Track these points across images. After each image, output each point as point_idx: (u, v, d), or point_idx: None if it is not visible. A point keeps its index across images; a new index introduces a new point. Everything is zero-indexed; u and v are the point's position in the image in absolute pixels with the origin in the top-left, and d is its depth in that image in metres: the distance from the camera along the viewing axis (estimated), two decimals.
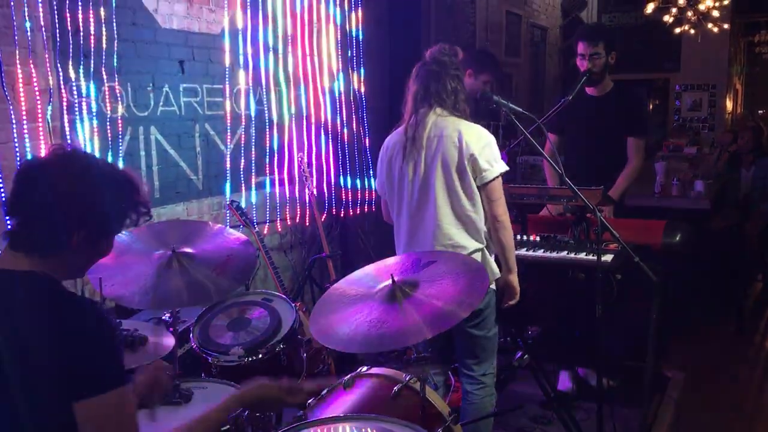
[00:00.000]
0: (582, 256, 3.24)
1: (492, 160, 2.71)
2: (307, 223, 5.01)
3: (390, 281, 2.18)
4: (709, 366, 4.62)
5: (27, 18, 3.17)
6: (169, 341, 2.45)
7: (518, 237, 3.47)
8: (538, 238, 3.43)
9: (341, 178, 5.34)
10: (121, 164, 3.70)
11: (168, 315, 2.58)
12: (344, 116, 5.35)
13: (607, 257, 3.12)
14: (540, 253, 3.34)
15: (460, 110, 2.78)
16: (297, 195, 4.94)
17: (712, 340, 5.13)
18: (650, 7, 7.69)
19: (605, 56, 3.91)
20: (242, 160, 4.48)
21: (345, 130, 5.35)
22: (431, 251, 2.66)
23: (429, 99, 2.76)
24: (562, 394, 3.84)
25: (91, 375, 1.44)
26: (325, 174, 5.20)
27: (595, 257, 2.98)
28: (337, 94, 5.28)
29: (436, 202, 2.75)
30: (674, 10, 7.96)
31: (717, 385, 4.35)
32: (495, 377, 2.97)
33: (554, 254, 3.30)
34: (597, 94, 4.03)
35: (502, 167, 2.74)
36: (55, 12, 3.30)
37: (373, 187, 5.57)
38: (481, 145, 2.70)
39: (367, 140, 5.50)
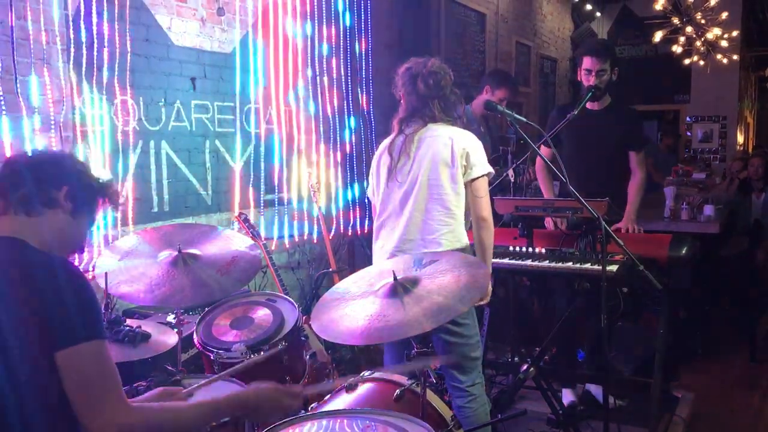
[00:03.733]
0: (587, 266, 3.23)
1: (481, 159, 2.84)
2: (315, 241, 5.03)
3: (392, 279, 2.19)
4: (720, 392, 4.56)
5: (43, 30, 3.26)
6: (172, 339, 2.46)
7: (524, 249, 3.47)
8: (543, 251, 3.43)
9: (350, 196, 5.38)
10: (131, 177, 3.76)
11: (173, 316, 2.59)
12: (353, 136, 5.41)
13: (612, 267, 3.11)
14: (545, 263, 3.33)
15: (451, 115, 2.89)
16: (305, 213, 4.97)
17: (724, 366, 5.06)
18: (658, 36, 7.76)
19: (610, 73, 3.95)
20: (251, 177, 4.52)
21: (354, 150, 5.41)
22: (434, 252, 2.67)
23: (421, 113, 2.88)
24: (569, 411, 3.80)
25: (66, 327, 1.51)
26: (333, 192, 5.24)
27: (600, 267, 2.97)
28: (346, 115, 5.35)
29: (425, 199, 2.82)
30: (682, 39, 8.03)
31: (728, 410, 4.29)
32: (483, 386, 2.95)
33: (559, 264, 3.29)
34: (596, 108, 4.05)
35: (490, 168, 2.86)
36: (70, 25, 3.39)
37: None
38: (472, 144, 2.84)
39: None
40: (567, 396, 4.06)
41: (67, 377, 1.51)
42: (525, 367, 3.46)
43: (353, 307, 2.16)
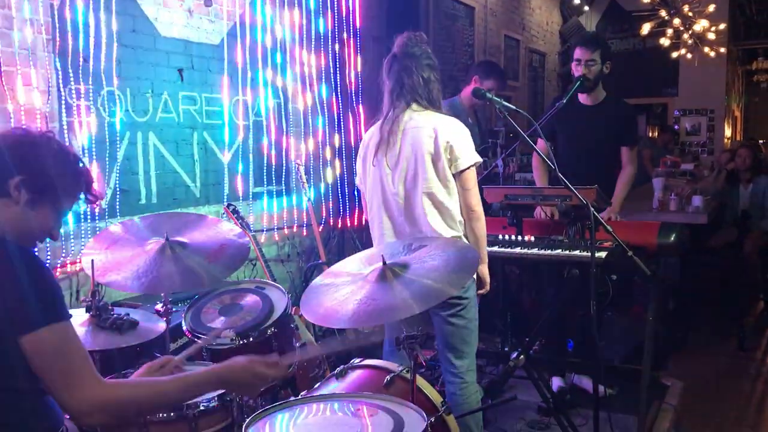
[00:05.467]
0: (576, 253, 3.24)
1: (467, 150, 2.77)
2: (305, 233, 5.02)
3: (381, 263, 2.19)
4: (709, 380, 4.58)
5: (27, 19, 3.23)
6: (159, 327, 2.45)
7: (513, 237, 3.47)
8: (532, 239, 3.43)
9: (339, 188, 5.38)
10: (118, 169, 3.73)
11: (161, 305, 2.58)
12: (342, 128, 5.40)
13: (601, 254, 3.12)
14: (534, 251, 3.34)
15: (435, 102, 2.84)
16: (294, 205, 4.96)
17: (713, 356, 5.10)
18: (646, 28, 7.78)
19: (600, 64, 3.95)
20: (240, 170, 4.50)
21: (343, 142, 5.40)
22: (422, 237, 2.66)
23: (405, 95, 2.81)
24: (559, 399, 3.81)
25: (27, 312, 1.53)
26: (323, 185, 5.23)
27: (589, 254, 2.98)
28: (335, 106, 5.34)
29: (413, 191, 2.79)
30: (670, 32, 8.06)
31: (717, 397, 4.31)
32: (475, 374, 2.96)
33: (548, 252, 3.29)
34: (590, 103, 4.06)
35: (477, 158, 2.81)
36: (56, 14, 3.36)
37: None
38: (456, 134, 2.77)
39: None
40: (556, 383, 4.08)
41: (33, 361, 1.53)
42: (514, 355, 3.47)
43: (343, 292, 2.16)
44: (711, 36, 8.30)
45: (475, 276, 2.84)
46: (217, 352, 2.53)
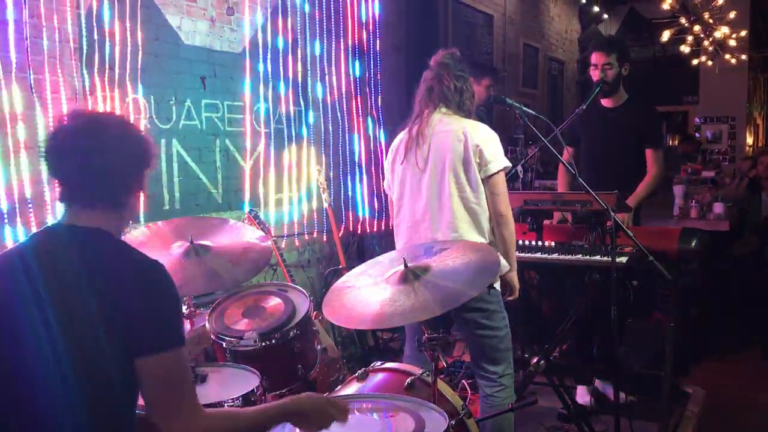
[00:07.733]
0: (597, 258, 3.23)
1: (496, 154, 2.77)
2: (325, 240, 5.06)
3: (402, 266, 2.21)
4: (732, 387, 4.54)
5: (56, 29, 3.31)
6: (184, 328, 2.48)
7: (533, 243, 3.48)
8: (553, 244, 3.43)
9: (359, 195, 5.41)
10: None
11: (185, 307, 2.62)
12: (362, 135, 5.44)
13: (622, 259, 3.11)
14: (555, 256, 3.34)
15: (466, 109, 2.85)
16: (315, 211, 5.00)
17: (735, 363, 5.05)
18: (666, 35, 7.76)
19: (618, 67, 3.94)
20: (261, 176, 4.55)
21: (362, 148, 5.44)
22: (443, 240, 2.68)
23: (434, 99, 2.84)
24: (580, 406, 3.79)
25: (154, 333, 1.49)
26: (342, 191, 5.27)
27: (610, 259, 2.98)
28: (355, 114, 5.38)
29: (443, 194, 2.78)
30: (690, 39, 8.02)
31: (740, 405, 4.27)
32: (513, 378, 2.94)
33: (569, 257, 3.29)
34: (611, 105, 4.05)
35: (506, 162, 2.79)
36: (83, 23, 3.43)
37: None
38: (486, 139, 2.77)
39: (384, 158, 5.58)
40: (582, 395, 4.04)
41: (143, 383, 1.50)
42: (535, 360, 3.46)
43: (365, 294, 2.18)
44: (732, 43, 8.26)
45: (497, 285, 2.83)
46: (241, 353, 2.56)
